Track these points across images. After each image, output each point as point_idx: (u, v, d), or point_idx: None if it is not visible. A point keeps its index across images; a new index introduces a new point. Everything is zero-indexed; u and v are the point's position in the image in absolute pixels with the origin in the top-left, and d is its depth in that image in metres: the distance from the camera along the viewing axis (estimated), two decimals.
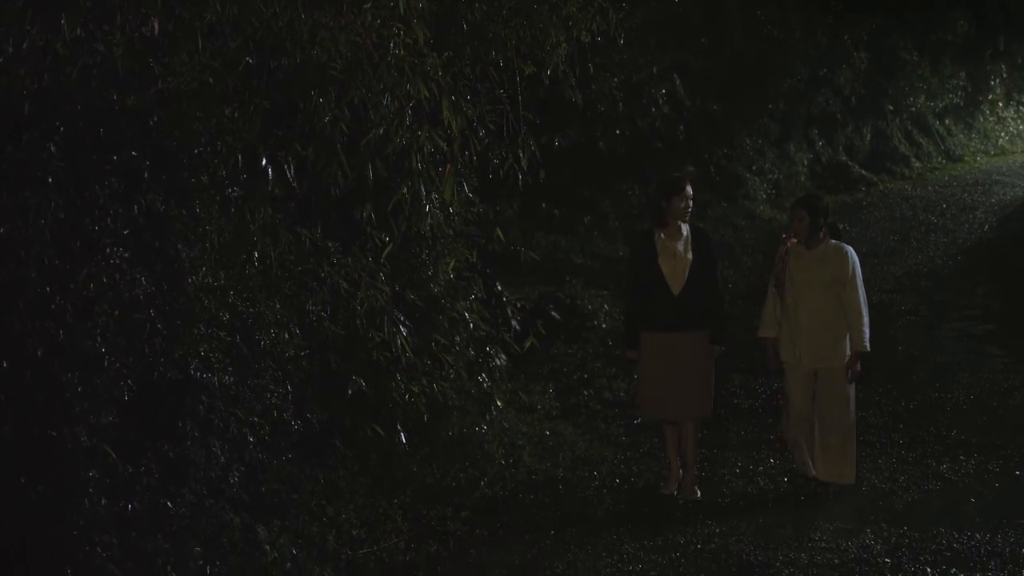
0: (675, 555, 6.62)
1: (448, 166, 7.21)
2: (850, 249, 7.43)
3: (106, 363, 4.97)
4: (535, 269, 12.52)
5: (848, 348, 7.35)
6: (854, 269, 7.34)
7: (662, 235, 7.52)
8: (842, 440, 7.38)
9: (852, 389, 7.44)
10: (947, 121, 25.26)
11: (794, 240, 7.49)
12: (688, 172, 16.69)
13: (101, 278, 4.96)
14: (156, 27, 5.55)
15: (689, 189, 7.52)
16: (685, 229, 7.55)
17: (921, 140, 23.81)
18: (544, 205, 14.74)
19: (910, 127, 23.74)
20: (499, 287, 9.97)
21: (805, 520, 7.04)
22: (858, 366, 7.34)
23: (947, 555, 6.45)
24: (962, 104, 25.47)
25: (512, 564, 6.57)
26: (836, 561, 6.43)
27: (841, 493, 7.37)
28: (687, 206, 7.48)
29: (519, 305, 10.36)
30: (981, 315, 12.35)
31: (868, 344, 7.29)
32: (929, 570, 6.27)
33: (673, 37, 16.33)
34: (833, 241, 7.46)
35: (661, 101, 16.51)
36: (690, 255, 7.48)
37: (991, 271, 14.20)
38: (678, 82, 17.01)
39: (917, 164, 22.86)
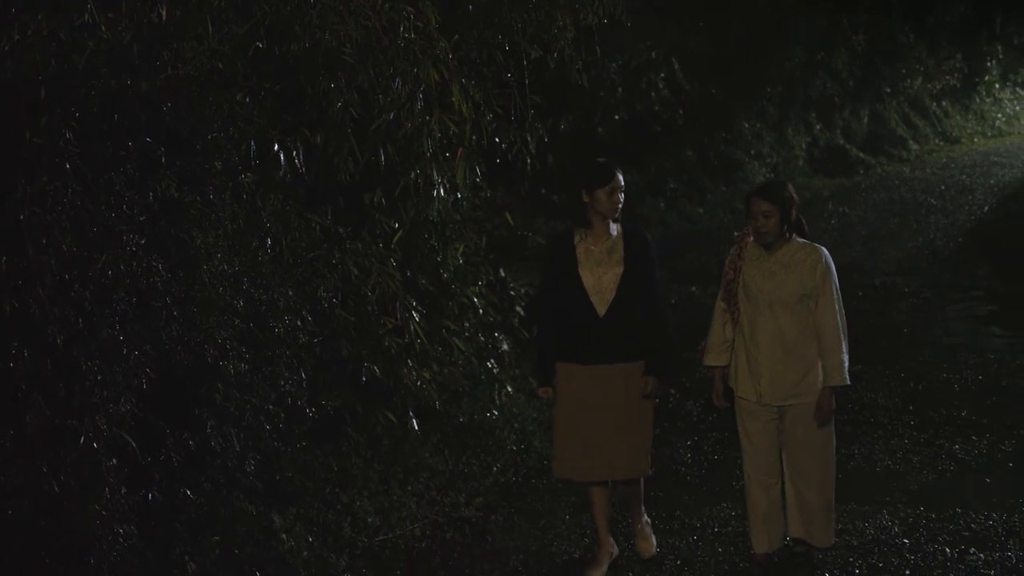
0: (692, 539, 6.60)
1: (460, 150, 7.17)
2: (823, 250, 5.78)
3: (125, 351, 4.94)
4: (537, 255, 12.47)
5: (820, 380, 5.76)
6: (829, 276, 5.70)
7: (586, 238, 5.93)
8: (821, 496, 5.92)
9: (829, 432, 5.90)
10: (944, 103, 25.36)
11: (750, 239, 5.90)
12: (689, 157, 16.69)
13: (119, 265, 4.91)
14: (164, 13, 5.50)
15: (619, 179, 5.80)
16: (615, 230, 5.94)
17: (918, 122, 23.91)
18: (544, 191, 14.71)
19: (907, 109, 23.85)
20: (502, 272, 9.93)
21: None
22: (832, 403, 5.78)
23: (965, 535, 6.44)
24: (959, 86, 25.59)
25: (528, 550, 6.55)
26: (854, 542, 6.41)
27: (855, 474, 7.34)
28: (617, 200, 5.80)
29: (523, 291, 10.32)
30: (984, 296, 12.39)
31: (848, 376, 5.72)
32: (948, 550, 6.25)
33: (671, 20, 16.32)
34: (800, 240, 5.82)
35: (660, 85, 16.48)
36: (621, 265, 5.89)
37: (991, 252, 14.25)
38: (676, 66, 17.00)
39: (915, 146, 22.95)
